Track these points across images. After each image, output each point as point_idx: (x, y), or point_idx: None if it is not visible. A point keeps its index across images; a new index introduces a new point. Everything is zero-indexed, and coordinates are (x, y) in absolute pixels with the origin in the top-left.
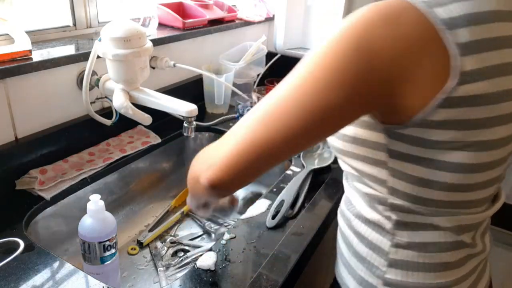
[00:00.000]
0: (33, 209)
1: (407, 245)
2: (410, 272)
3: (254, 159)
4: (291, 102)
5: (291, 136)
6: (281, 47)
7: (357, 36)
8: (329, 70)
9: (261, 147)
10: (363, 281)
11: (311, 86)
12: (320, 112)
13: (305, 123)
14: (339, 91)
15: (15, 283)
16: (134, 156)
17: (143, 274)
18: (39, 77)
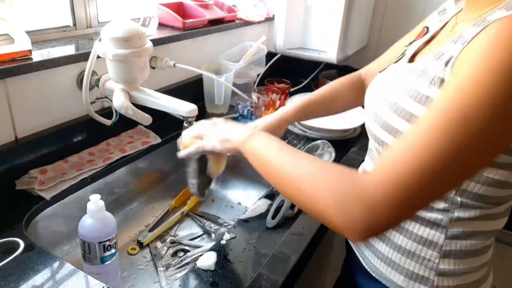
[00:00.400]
0: (33, 209)
1: (460, 235)
2: (463, 260)
3: (427, 195)
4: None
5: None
6: (281, 47)
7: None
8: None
9: (445, 175)
10: (413, 275)
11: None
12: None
13: (487, 158)
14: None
15: (15, 283)
16: (134, 156)
17: (143, 274)
18: (39, 77)
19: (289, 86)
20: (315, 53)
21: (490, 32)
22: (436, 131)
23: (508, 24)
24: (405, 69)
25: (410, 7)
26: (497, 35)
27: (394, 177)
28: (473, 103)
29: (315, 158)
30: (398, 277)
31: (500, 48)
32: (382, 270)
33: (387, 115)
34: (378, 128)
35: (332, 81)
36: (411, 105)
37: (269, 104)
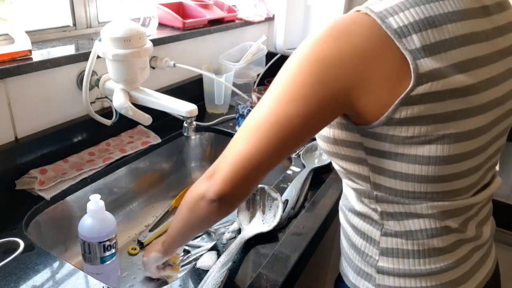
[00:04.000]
0: (33, 209)
1: (395, 234)
2: (401, 259)
3: (248, 172)
4: (269, 120)
5: (274, 148)
6: (281, 47)
7: (315, 53)
8: (297, 88)
9: (252, 160)
10: (360, 271)
11: (284, 103)
12: (295, 123)
13: (285, 134)
14: (307, 103)
15: (15, 283)
16: (134, 156)
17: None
18: (39, 77)
19: None
20: None
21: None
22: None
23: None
24: None
25: None
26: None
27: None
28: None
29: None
30: (350, 272)
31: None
32: (343, 266)
33: None
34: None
35: None
36: None
37: None
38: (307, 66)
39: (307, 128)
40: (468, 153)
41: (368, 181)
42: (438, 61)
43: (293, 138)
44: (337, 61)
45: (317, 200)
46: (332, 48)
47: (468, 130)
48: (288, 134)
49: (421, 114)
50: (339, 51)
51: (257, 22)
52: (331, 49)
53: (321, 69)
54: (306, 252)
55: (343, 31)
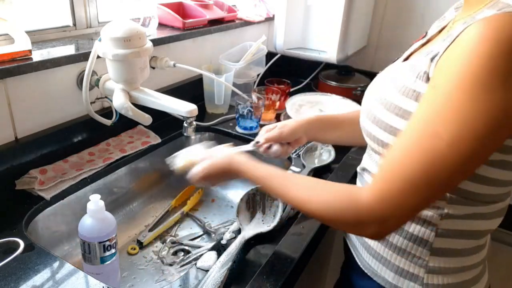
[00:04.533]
0: (33, 209)
1: (451, 233)
2: (452, 258)
3: (427, 200)
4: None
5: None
6: (281, 47)
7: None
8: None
9: (437, 190)
10: (403, 272)
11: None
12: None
13: (481, 150)
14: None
15: (15, 283)
16: (134, 156)
17: (143, 274)
18: (39, 77)
19: (289, 86)
20: (315, 53)
21: (472, 30)
22: (412, 147)
23: (490, 24)
24: (398, 67)
25: (410, 7)
26: (479, 34)
27: (383, 192)
28: (443, 120)
29: (306, 178)
30: (388, 273)
31: (478, 52)
32: (374, 267)
33: (378, 110)
34: (369, 124)
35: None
36: (399, 99)
37: (269, 104)
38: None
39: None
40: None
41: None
42: None
43: (481, 159)
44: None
45: None
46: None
47: None
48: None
49: None
50: None
51: (257, 22)
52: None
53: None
54: (306, 252)
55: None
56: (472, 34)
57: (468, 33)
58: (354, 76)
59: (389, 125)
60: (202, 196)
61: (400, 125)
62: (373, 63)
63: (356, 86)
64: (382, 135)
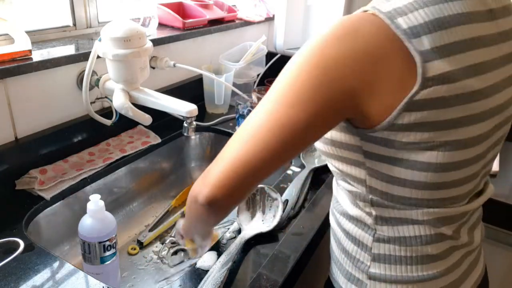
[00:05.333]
0: (33, 209)
1: (388, 239)
2: (393, 266)
3: (243, 177)
4: (269, 123)
5: (272, 152)
6: (281, 47)
7: (319, 54)
8: (299, 90)
9: (248, 165)
10: (350, 276)
11: (285, 106)
12: (297, 127)
13: (285, 139)
14: (309, 107)
15: (15, 283)
16: (134, 156)
17: (143, 274)
18: (39, 77)
19: None
20: None
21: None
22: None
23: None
24: None
25: None
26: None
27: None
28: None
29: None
30: (341, 277)
31: (296, 55)
32: (333, 271)
33: None
34: None
35: None
36: None
37: None
38: (310, 69)
39: (308, 134)
40: (467, 160)
41: (364, 184)
42: (447, 64)
43: (293, 144)
44: (343, 64)
45: (317, 200)
46: (337, 50)
47: (469, 138)
48: (288, 139)
49: (423, 120)
50: (345, 53)
51: (257, 22)
52: (337, 51)
53: (325, 72)
54: (306, 252)
55: (350, 32)
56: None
57: None
58: None
59: None
60: None
61: (326, 134)
62: None
63: None
64: (318, 144)
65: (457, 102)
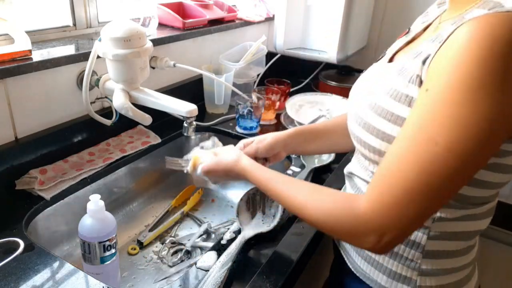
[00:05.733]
0: (33, 209)
1: (444, 236)
2: (445, 260)
3: (428, 210)
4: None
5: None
6: (281, 47)
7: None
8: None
9: (444, 199)
10: (396, 275)
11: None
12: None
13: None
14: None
15: (15, 283)
16: (134, 156)
17: (143, 274)
18: (39, 77)
19: (289, 86)
20: (315, 53)
21: (464, 31)
22: (408, 154)
23: (482, 24)
24: (385, 68)
25: (410, 7)
26: (471, 35)
27: (380, 202)
28: (438, 125)
29: (308, 184)
30: (381, 277)
31: (471, 53)
32: (366, 270)
33: (368, 116)
34: (359, 129)
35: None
36: (390, 104)
37: (269, 104)
38: (499, 76)
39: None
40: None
41: None
42: None
43: (473, 169)
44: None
45: None
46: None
47: None
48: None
49: None
50: None
51: (257, 22)
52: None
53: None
54: (306, 252)
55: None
56: (463, 35)
57: (459, 34)
58: (354, 76)
59: (381, 131)
60: (202, 196)
61: (393, 131)
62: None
63: None
64: (374, 141)
65: None
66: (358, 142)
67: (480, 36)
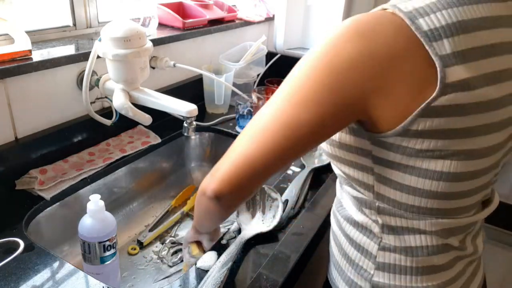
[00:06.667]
0: (33, 209)
1: (394, 249)
2: (398, 275)
3: (250, 173)
4: (278, 122)
5: (280, 151)
6: (281, 47)
7: (332, 53)
8: (308, 91)
9: (255, 162)
10: (352, 283)
11: (293, 106)
12: (303, 128)
13: (291, 139)
14: (318, 108)
15: (15, 283)
16: (134, 156)
17: (143, 274)
18: (39, 77)
19: None
20: None
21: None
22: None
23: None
24: None
25: None
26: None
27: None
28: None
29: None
30: (341, 283)
31: (310, 51)
32: (333, 275)
33: None
34: None
35: None
36: None
37: None
38: (322, 68)
39: (317, 135)
40: (480, 171)
41: (372, 191)
42: (468, 71)
43: (301, 144)
44: (357, 64)
45: (317, 200)
46: (352, 49)
47: (484, 147)
48: (296, 139)
49: (439, 128)
50: (361, 53)
51: (257, 22)
52: (351, 51)
53: (338, 72)
54: (306, 252)
55: (366, 30)
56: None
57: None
58: None
59: None
60: None
61: (334, 136)
62: None
63: None
64: (325, 145)
65: (475, 111)
66: None
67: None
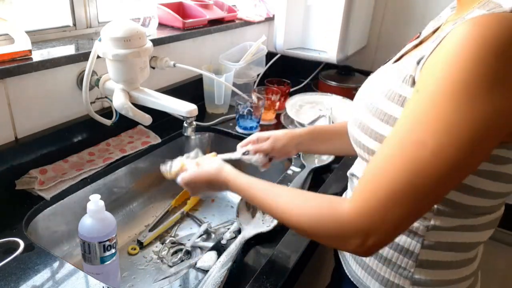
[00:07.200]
0: (33, 209)
1: (438, 246)
2: (438, 271)
3: (413, 213)
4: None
5: (454, 177)
6: (281, 47)
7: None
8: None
9: (432, 201)
10: (388, 282)
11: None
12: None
13: (468, 158)
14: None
15: (15, 283)
16: (134, 156)
17: (143, 274)
18: (39, 77)
19: (289, 86)
20: (315, 53)
21: (458, 31)
22: (394, 156)
23: (476, 24)
24: (387, 69)
25: (410, 7)
26: (464, 35)
27: (365, 204)
28: (425, 128)
29: (291, 190)
30: (374, 283)
31: (462, 54)
32: (360, 276)
33: (365, 116)
34: (356, 130)
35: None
36: (385, 104)
37: (269, 104)
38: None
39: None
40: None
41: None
42: None
43: (468, 167)
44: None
45: None
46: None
47: None
48: (466, 160)
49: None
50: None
51: (257, 22)
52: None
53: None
54: (306, 252)
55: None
56: (457, 35)
57: (453, 34)
58: (354, 76)
59: (374, 132)
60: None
61: (385, 131)
62: (373, 63)
63: (356, 86)
64: (369, 142)
65: None
66: (356, 143)
67: (472, 36)
